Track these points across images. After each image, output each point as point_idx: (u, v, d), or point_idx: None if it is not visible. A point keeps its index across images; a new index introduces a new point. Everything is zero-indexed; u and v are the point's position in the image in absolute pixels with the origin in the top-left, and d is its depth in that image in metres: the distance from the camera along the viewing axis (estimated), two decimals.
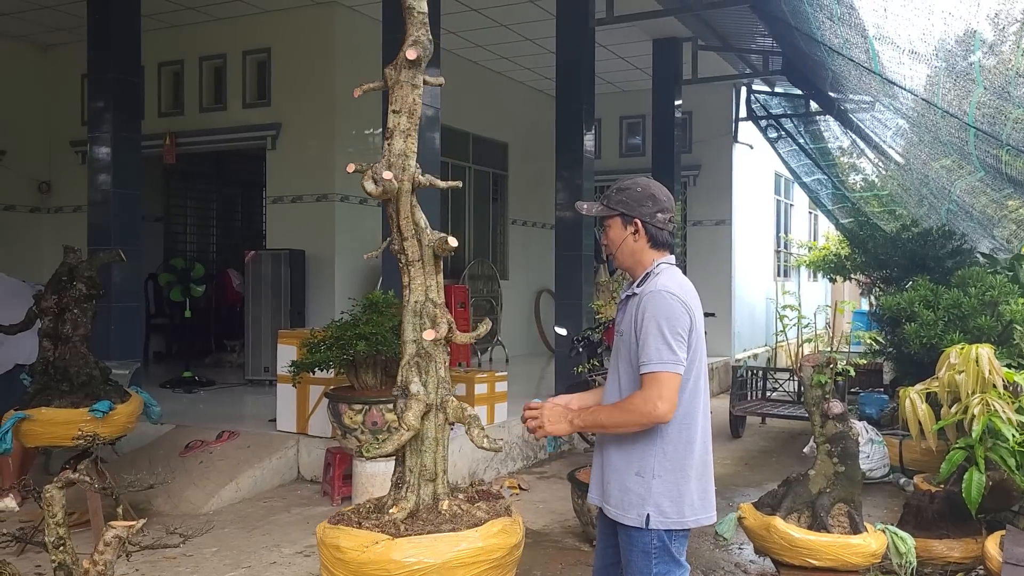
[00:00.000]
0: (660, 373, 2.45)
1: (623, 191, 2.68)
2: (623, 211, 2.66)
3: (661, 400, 2.44)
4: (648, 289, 2.57)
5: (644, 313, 2.52)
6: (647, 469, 2.56)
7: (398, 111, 2.60)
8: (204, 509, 5.76)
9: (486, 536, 2.50)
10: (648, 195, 2.66)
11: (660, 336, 2.47)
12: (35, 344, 5.36)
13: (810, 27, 6.49)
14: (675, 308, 2.52)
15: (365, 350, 5.28)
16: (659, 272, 2.63)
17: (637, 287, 2.63)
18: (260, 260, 9.40)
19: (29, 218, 11.13)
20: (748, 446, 8.59)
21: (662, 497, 2.55)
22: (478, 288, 12.01)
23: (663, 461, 2.56)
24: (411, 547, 2.45)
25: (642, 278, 2.64)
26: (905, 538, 3.96)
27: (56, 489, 2.74)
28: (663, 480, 2.56)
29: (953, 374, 4.53)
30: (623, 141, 14.08)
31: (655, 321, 2.49)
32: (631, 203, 2.65)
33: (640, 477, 2.56)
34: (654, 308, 2.51)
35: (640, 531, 2.55)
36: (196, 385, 9.10)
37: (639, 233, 2.65)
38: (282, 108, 9.75)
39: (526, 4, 9.53)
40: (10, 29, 10.40)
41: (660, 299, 2.52)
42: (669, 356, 2.46)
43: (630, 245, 2.66)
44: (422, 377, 2.66)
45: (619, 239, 2.67)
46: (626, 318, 2.65)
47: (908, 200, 10.61)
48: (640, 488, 2.55)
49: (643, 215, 2.65)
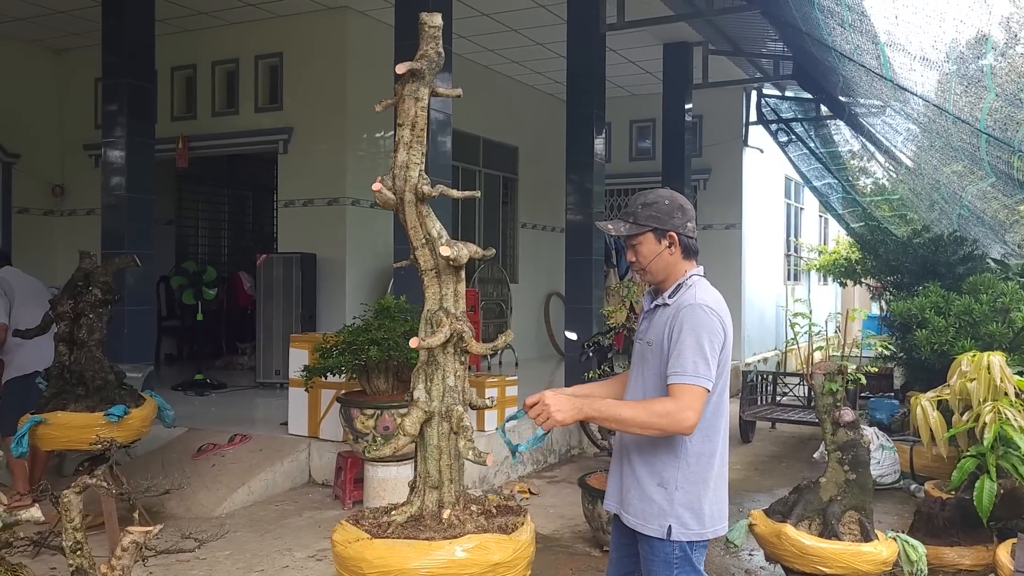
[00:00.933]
0: (694, 386, 2.46)
1: (650, 206, 2.64)
2: (655, 226, 2.63)
3: (692, 411, 2.45)
4: (686, 302, 2.57)
5: (683, 325, 2.52)
6: (670, 480, 2.57)
7: (401, 124, 2.63)
8: (216, 512, 5.80)
9: (464, 550, 2.48)
10: (676, 206, 2.65)
11: (698, 350, 2.49)
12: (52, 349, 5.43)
13: (821, 33, 6.50)
14: (714, 324, 2.54)
15: (377, 355, 5.31)
16: (692, 284, 2.63)
17: (669, 298, 2.63)
18: (272, 263, 9.45)
19: (43, 221, 11.21)
20: (758, 451, 8.58)
21: (684, 509, 2.57)
22: (488, 291, 12.04)
23: (687, 473, 2.58)
24: (385, 549, 2.49)
25: (674, 289, 2.64)
26: (916, 546, 3.96)
27: (74, 494, 2.77)
28: (685, 492, 2.57)
29: (964, 382, 4.52)
30: (633, 145, 14.09)
31: (694, 334, 2.50)
32: (662, 217, 2.63)
33: (663, 488, 2.58)
34: (693, 322, 2.52)
35: (662, 542, 2.58)
36: (208, 388, 9.15)
37: (675, 246, 2.64)
38: (294, 112, 9.80)
39: (537, 9, 9.56)
40: (24, 33, 10.49)
41: (700, 313, 2.53)
42: (704, 371, 2.48)
43: (665, 259, 2.65)
44: (427, 385, 2.68)
45: (653, 254, 2.65)
46: (653, 328, 2.65)
47: (919, 205, 10.59)
48: (662, 499, 2.58)
49: (676, 227, 2.64)
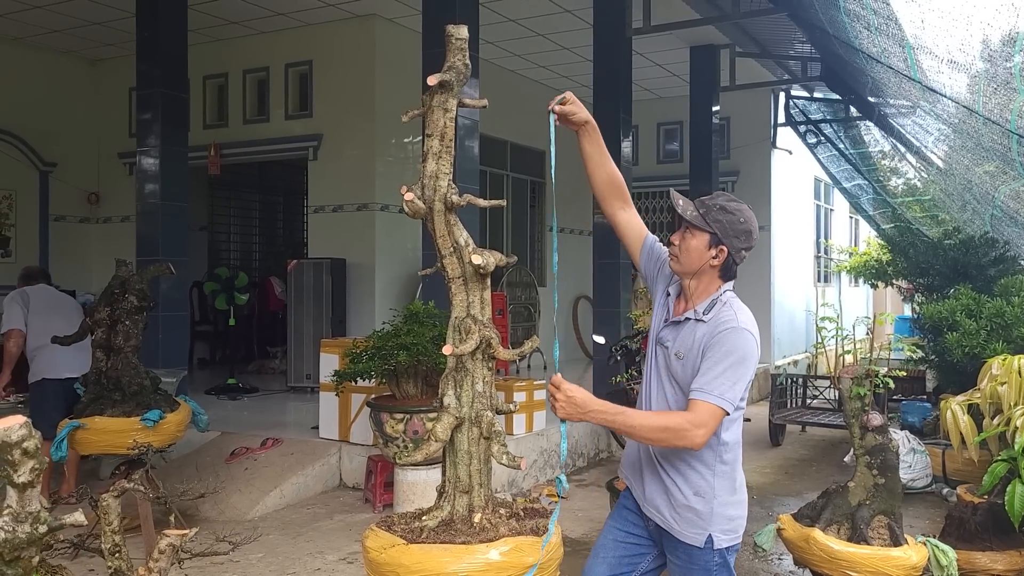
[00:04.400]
0: (715, 406, 2.44)
1: (727, 212, 2.58)
2: (717, 232, 2.57)
3: (706, 429, 2.44)
4: (727, 323, 2.52)
5: (722, 346, 2.49)
6: (707, 490, 2.58)
7: (430, 134, 2.67)
8: (250, 515, 5.89)
9: (500, 553, 2.51)
10: (746, 231, 2.60)
11: (732, 373, 2.46)
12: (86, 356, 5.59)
13: (848, 36, 6.47)
14: (753, 351, 2.52)
15: (406, 360, 5.36)
16: (727, 302, 2.60)
17: (704, 314, 2.58)
18: (302, 269, 9.56)
19: (79, 228, 11.43)
20: (788, 454, 8.54)
21: (722, 517, 2.59)
22: (516, 295, 12.08)
23: (723, 482, 2.60)
24: (421, 554, 2.51)
25: (708, 304, 2.60)
26: (946, 550, 3.94)
27: (112, 498, 2.85)
28: (723, 501, 2.60)
29: (995, 385, 4.49)
30: (660, 147, 14.07)
31: (732, 357, 2.48)
32: (728, 230, 2.57)
33: (701, 498, 2.58)
34: (733, 344, 2.49)
35: (702, 550, 2.59)
36: (240, 392, 9.28)
37: (719, 259, 2.60)
38: (324, 119, 9.92)
39: (563, 14, 9.59)
40: (61, 45, 10.71)
41: (742, 338, 2.51)
42: (730, 394, 2.46)
43: (705, 266, 2.60)
44: (457, 391, 2.72)
45: (697, 253, 2.60)
46: (682, 340, 2.61)
47: (951, 205, 10.47)
48: (703, 508, 2.58)
49: (733, 247, 2.59)
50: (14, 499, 2.00)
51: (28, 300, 6.21)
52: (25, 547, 2.01)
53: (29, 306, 6.16)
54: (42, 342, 6.02)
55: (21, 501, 2.00)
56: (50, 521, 2.06)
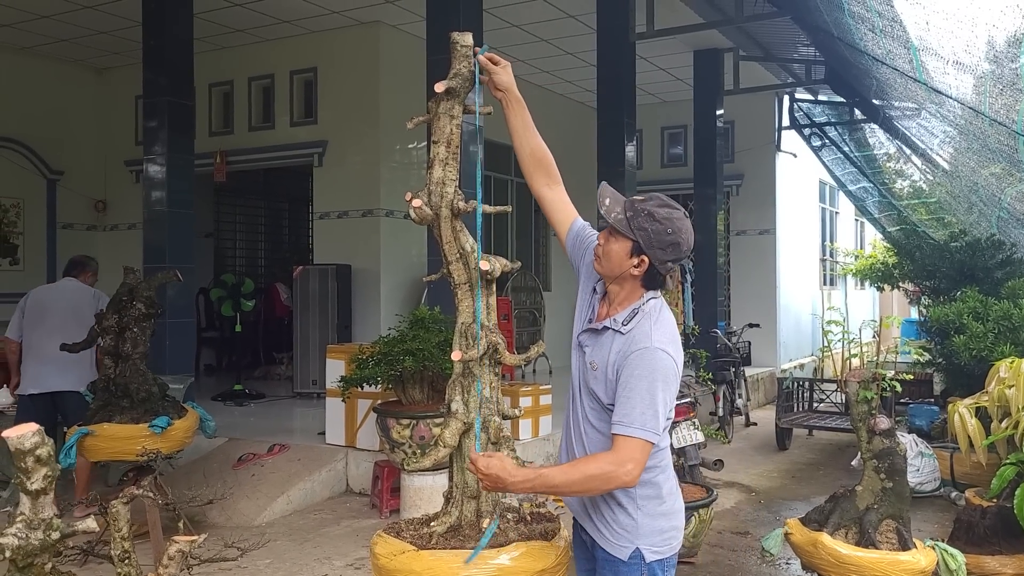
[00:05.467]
0: (640, 440, 2.25)
1: (654, 221, 2.36)
2: (640, 240, 2.36)
3: (635, 465, 2.25)
4: (640, 343, 2.32)
5: (635, 370, 2.29)
6: (629, 501, 2.39)
7: (437, 141, 2.69)
8: (257, 521, 5.90)
9: (511, 558, 2.51)
10: (673, 243, 2.36)
11: (650, 401, 2.26)
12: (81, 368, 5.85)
13: (853, 38, 6.47)
14: (671, 373, 2.32)
15: (412, 366, 5.37)
16: (647, 312, 2.39)
17: (624, 325, 2.38)
18: (308, 275, 9.59)
19: (86, 236, 11.48)
20: (795, 458, 8.52)
21: (651, 530, 2.41)
22: (521, 300, 12.09)
23: (647, 491, 2.40)
24: (432, 560, 2.51)
25: (629, 314, 2.40)
26: (955, 555, 3.92)
27: (122, 504, 2.87)
28: (648, 512, 2.41)
29: (1003, 388, 4.48)
30: (665, 151, 14.08)
31: (647, 381, 2.28)
32: (653, 240, 2.35)
33: (624, 509, 2.40)
34: (649, 367, 2.29)
35: (628, 564, 2.42)
36: (247, 398, 9.29)
37: (640, 269, 2.39)
38: (328, 126, 9.95)
39: (568, 19, 9.61)
40: (67, 54, 10.77)
41: (657, 359, 2.30)
42: (652, 424, 2.26)
43: (624, 272, 2.40)
44: (464, 396, 2.73)
45: (617, 259, 2.39)
46: (599, 348, 2.42)
47: (957, 207, 10.46)
48: (627, 520, 2.40)
49: (657, 258, 2.37)
50: (27, 506, 2.02)
51: (25, 306, 6.12)
52: (38, 554, 2.03)
53: (25, 313, 6.10)
54: (29, 353, 6.04)
55: (34, 508, 2.02)
56: (63, 528, 2.08)
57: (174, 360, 7.34)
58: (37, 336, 6.02)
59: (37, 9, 9.14)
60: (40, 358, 5.99)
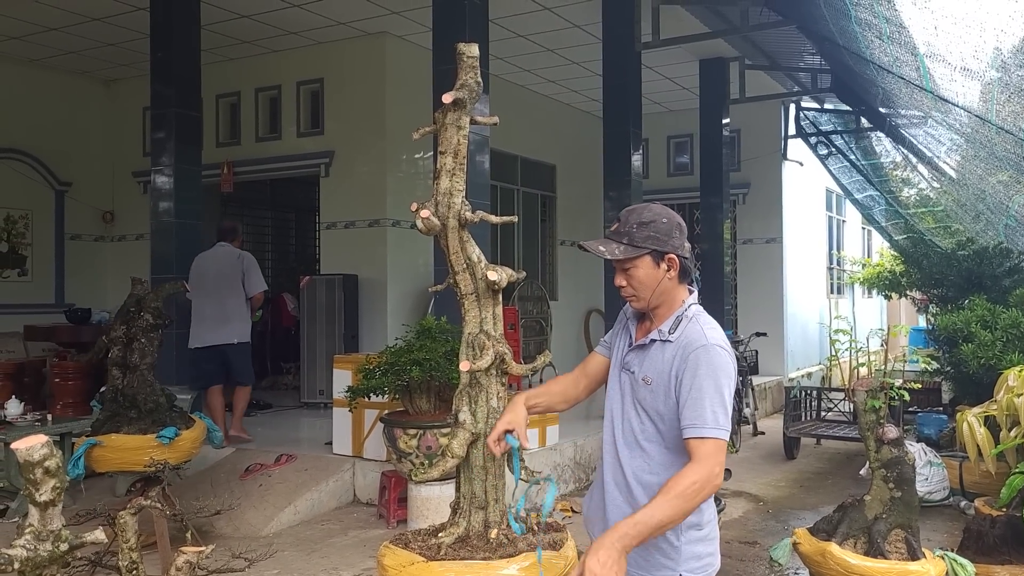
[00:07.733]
0: (716, 439, 2.23)
1: (647, 225, 2.37)
2: (654, 248, 2.36)
3: (719, 466, 2.22)
4: (696, 342, 2.32)
5: (699, 368, 2.27)
6: (677, 528, 2.32)
7: (444, 152, 2.69)
8: (264, 532, 5.90)
9: (520, 568, 2.50)
10: (675, 224, 2.39)
11: (719, 399, 2.25)
12: None
13: (859, 46, 6.47)
14: (730, 368, 2.31)
15: (419, 376, 5.37)
16: (693, 317, 2.39)
17: (670, 334, 2.37)
18: (314, 285, 9.60)
19: (94, 247, 11.52)
20: (803, 468, 8.49)
21: (691, 558, 2.37)
22: (528, 309, 12.08)
23: (691, 518, 2.31)
24: (441, 571, 2.50)
25: (673, 323, 2.39)
26: (965, 564, 3.90)
27: (129, 515, 2.88)
28: (689, 537, 2.38)
29: (1012, 397, 4.47)
30: (671, 160, 14.09)
31: (712, 380, 2.26)
32: (661, 237, 2.36)
33: (666, 536, 2.34)
34: (711, 365, 2.27)
35: None
36: (254, 408, 9.29)
37: (673, 269, 2.38)
38: (335, 136, 9.98)
39: (573, 29, 9.64)
40: (75, 66, 10.83)
41: (717, 356, 2.29)
42: (724, 420, 2.24)
43: (664, 285, 2.39)
44: (471, 406, 2.73)
45: (651, 280, 2.38)
46: (650, 363, 2.39)
47: (964, 216, 10.43)
48: (668, 547, 2.36)
49: (676, 248, 2.37)
50: (36, 517, 2.02)
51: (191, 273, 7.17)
52: (47, 565, 2.03)
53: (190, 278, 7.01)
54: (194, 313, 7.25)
55: (43, 519, 2.02)
56: (71, 539, 2.08)
57: (182, 371, 7.37)
58: (197, 298, 7.13)
59: (46, 22, 9.20)
60: (200, 317, 7.20)
